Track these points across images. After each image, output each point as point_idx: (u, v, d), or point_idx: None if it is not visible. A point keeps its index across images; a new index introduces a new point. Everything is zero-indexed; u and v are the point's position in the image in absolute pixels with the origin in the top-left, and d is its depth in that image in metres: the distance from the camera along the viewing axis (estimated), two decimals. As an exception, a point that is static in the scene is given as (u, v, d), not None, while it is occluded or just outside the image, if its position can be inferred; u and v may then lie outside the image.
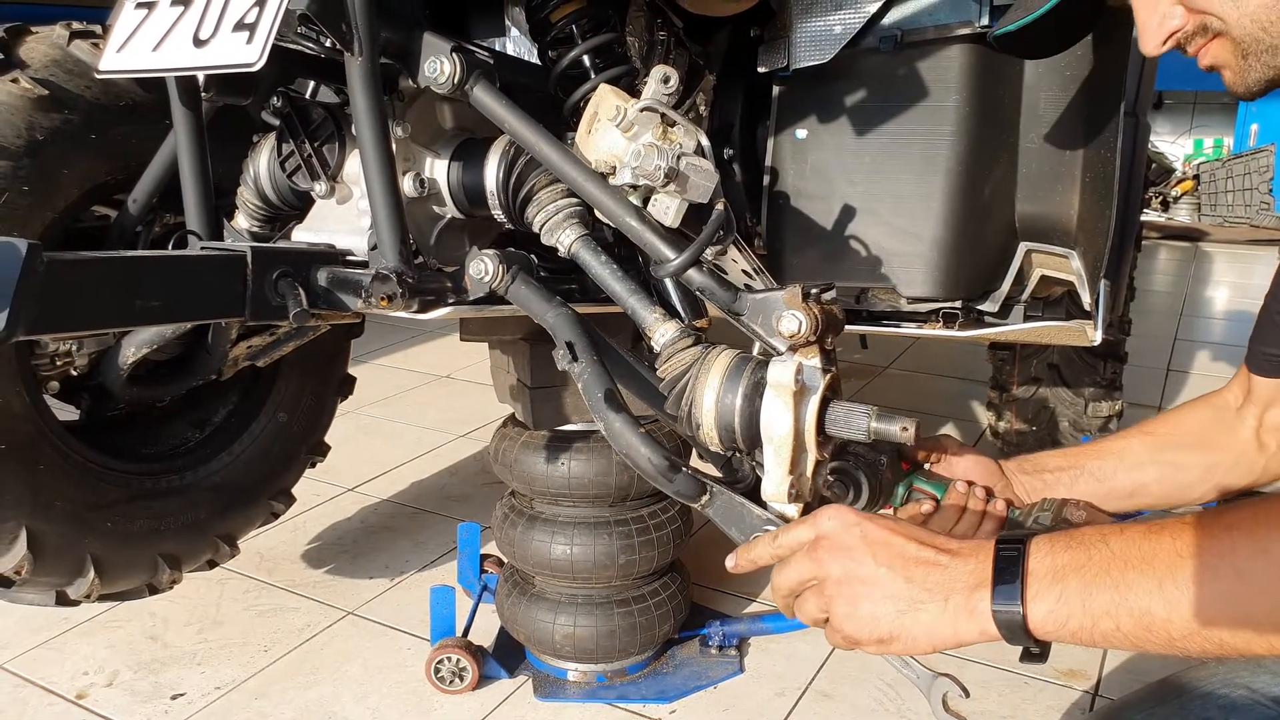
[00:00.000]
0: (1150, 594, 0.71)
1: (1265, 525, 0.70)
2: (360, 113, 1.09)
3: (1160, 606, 0.71)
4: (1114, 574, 0.72)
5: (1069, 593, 0.74)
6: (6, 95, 1.31)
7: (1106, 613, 0.72)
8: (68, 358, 1.52)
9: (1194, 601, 0.70)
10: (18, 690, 1.79)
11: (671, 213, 1.06)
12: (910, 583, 0.79)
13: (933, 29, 1.44)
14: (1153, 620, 0.71)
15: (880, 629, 0.80)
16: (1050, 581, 0.75)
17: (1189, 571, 0.70)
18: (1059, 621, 0.74)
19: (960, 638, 0.78)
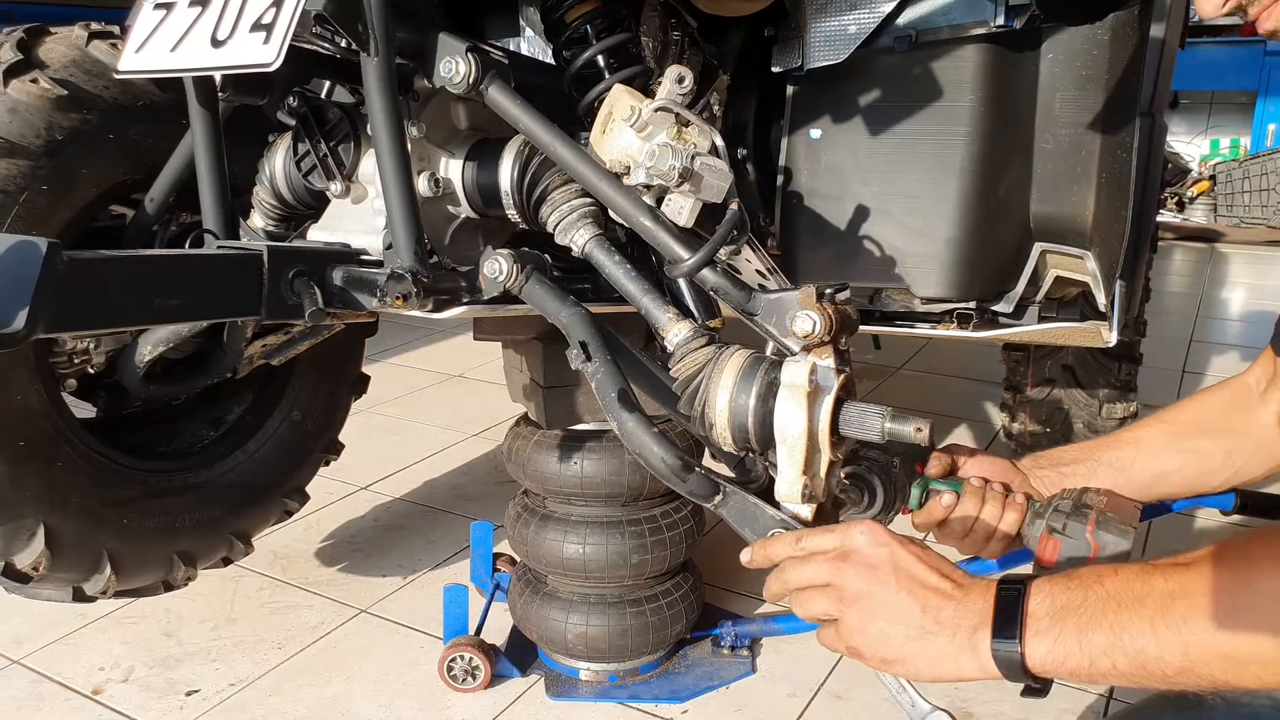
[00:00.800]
0: (1143, 634, 0.73)
1: (1254, 563, 0.72)
2: (376, 113, 1.10)
3: (1153, 646, 0.73)
4: (1109, 614, 0.75)
5: (1066, 633, 0.76)
6: (26, 95, 1.32)
7: (1103, 652, 0.74)
8: (85, 355, 1.54)
9: (1183, 640, 0.72)
10: (35, 685, 1.80)
11: (686, 212, 1.07)
12: (924, 612, 0.82)
13: (948, 29, 1.43)
14: (1146, 659, 0.73)
15: (888, 650, 0.83)
16: (1049, 622, 0.77)
17: (1179, 611, 0.72)
18: (1057, 660, 0.77)
19: (961, 673, 0.80)
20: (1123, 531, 1.00)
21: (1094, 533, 1.00)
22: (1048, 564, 1.03)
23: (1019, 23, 1.39)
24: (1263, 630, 0.69)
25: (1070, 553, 1.01)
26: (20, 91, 1.32)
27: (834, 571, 0.86)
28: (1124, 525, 1.00)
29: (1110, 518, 1.01)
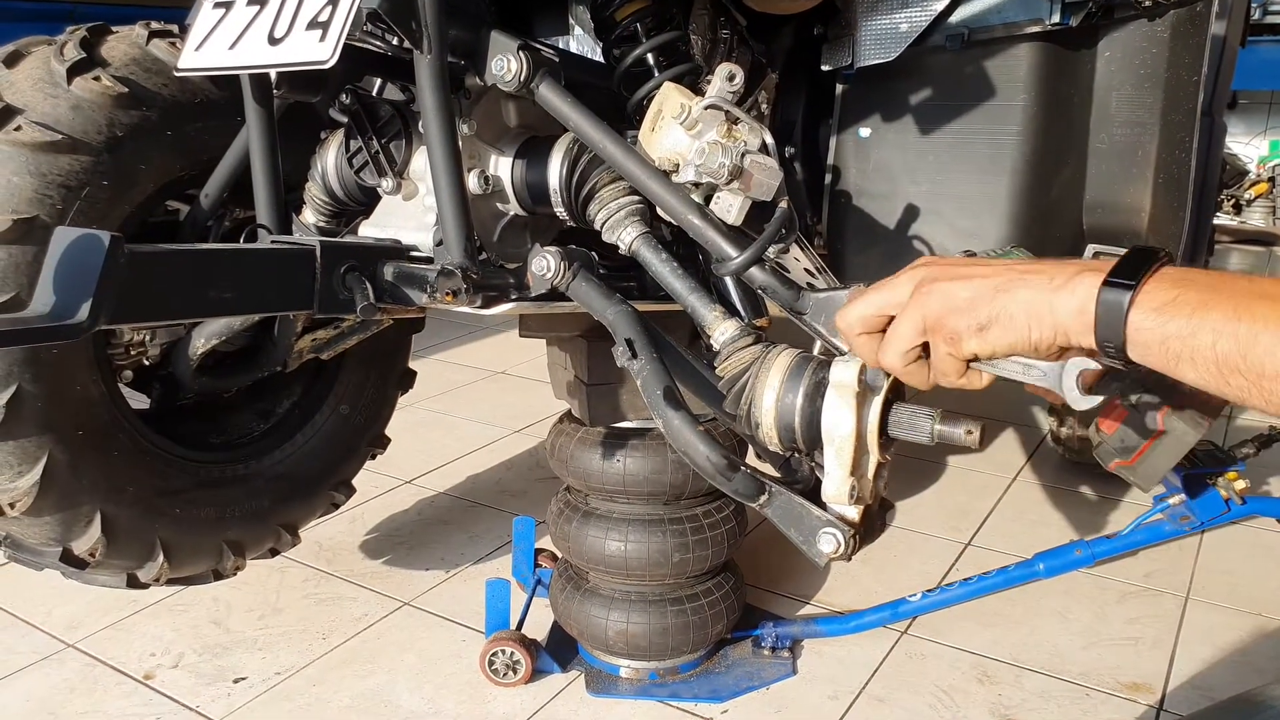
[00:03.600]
0: (1266, 319, 0.64)
1: None
2: (428, 110, 1.11)
3: (1268, 337, 0.64)
4: (1239, 298, 0.67)
5: (1185, 296, 0.68)
6: (89, 93, 1.35)
7: (1211, 327, 0.66)
8: (141, 347, 1.57)
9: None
10: (89, 669, 1.85)
11: (735, 211, 1.06)
12: (1013, 268, 0.76)
13: (1001, 27, 1.42)
14: (1255, 348, 0.64)
15: (978, 313, 0.75)
16: (1172, 284, 0.69)
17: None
18: (1161, 320, 0.68)
19: (1057, 313, 0.72)
20: (1196, 422, 0.91)
21: (1167, 416, 0.92)
22: (1107, 432, 0.96)
23: (1075, 20, 1.37)
24: None
25: (1134, 427, 0.94)
26: (83, 89, 1.35)
27: (909, 278, 0.80)
28: (1199, 416, 0.92)
29: (1187, 410, 0.92)
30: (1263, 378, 0.64)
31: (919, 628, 1.97)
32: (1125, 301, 0.69)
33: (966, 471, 2.76)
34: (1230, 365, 0.65)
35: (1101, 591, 2.10)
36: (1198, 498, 1.79)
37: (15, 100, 1.31)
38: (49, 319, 0.88)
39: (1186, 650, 1.90)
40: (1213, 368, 0.66)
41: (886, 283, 0.83)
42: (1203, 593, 2.10)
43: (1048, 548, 1.87)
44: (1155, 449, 0.93)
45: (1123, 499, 2.56)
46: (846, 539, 0.95)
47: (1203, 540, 2.31)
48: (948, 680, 1.80)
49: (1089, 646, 1.91)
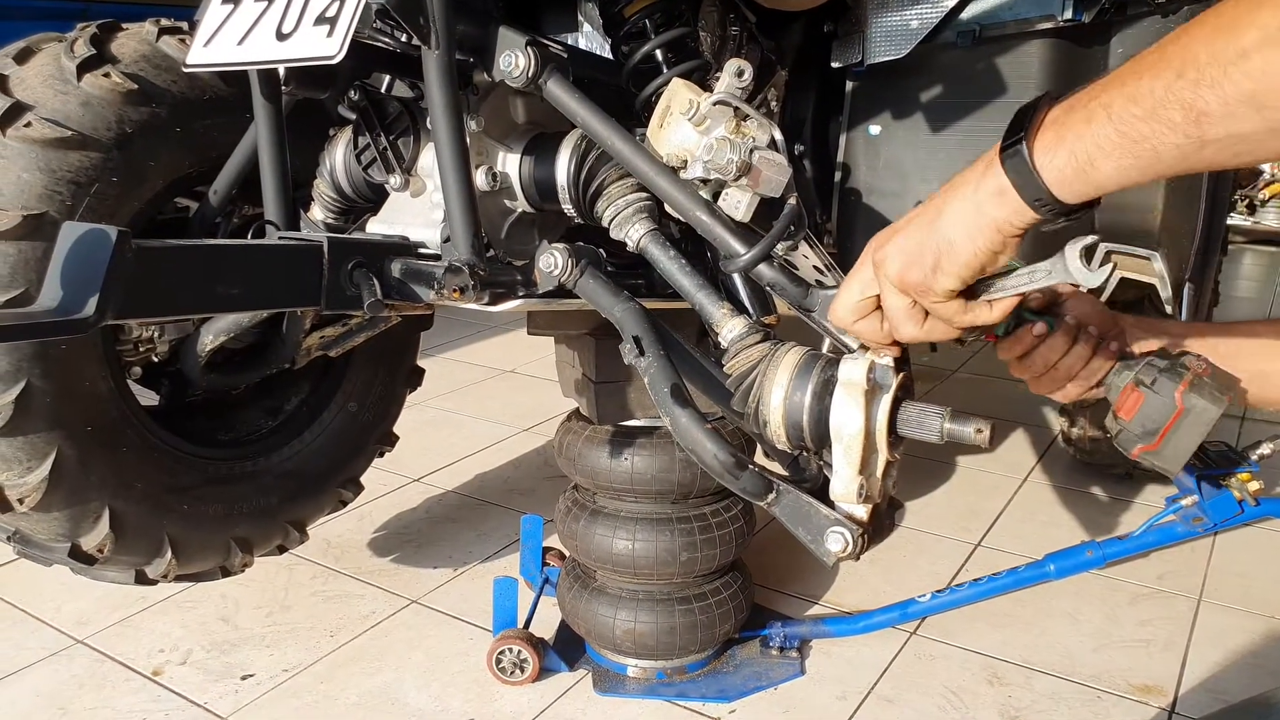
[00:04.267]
0: (1165, 65, 0.63)
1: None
2: (435, 106, 1.10)
3: (1160, 86, 0.62)
4: (1114, 77, 0.66)
5: (1075, 112, 0.68)
6: (98, 89, 1.35)
7: (1102, 106, 0.65)
8: (150, 344, 1.57)
9: (1189, 53, 0.61)
10: (98, 665, 1.85)
11: (743, 207, 1.06)
12: (931, 201, 0.78)
13: (1013, 23, 1.41)
14: (1155, 99, 0.62)
15: (925, 254, 0.77)
16: (1060, 110, 0.70)
17: (1210, 24, 0.61)
18: (1058, 141, 0.68)
19: (986, 212, 0.73)
20: (1215, 397, 0.89)
21: (1185, 393, 0.90)
22: (1125, 417, 0.94)
23: (1088, 17, 1.36)
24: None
25: (1152, 409, 0.92)
26: (93, 85, 1.35)
27: (866, 258, 0.83)
28: (1219, 391, 0.90)
29: (1206, 382, 0.91)
30: (1160, 108, 0.63)
31: (928, 628, 1.96)
32: (1024, 150, 0.69)
33: (977, 471, 2.74)
34: (1130, 126, 0.64)
35: (1113, 593, 2.09)
36: (1211, 499, 1.77)
37: (26, 97, 1.32)
38: (56, 314, 0.88)
39: (1199, 653, 1.88)
40: (1116, 139, 0.65)
41: (855, 268, 0.86)
42: (1216, 595, 2.08)
43: (1058, 549, 1.86)
44: (1178, 428, 0.91)
45: (1134, 500, 2.54)
46: (855, 538, 0.94)
47: (1216, 542, 2.29)
48: (957, 681, 1.79)
49: (1100, 648, 1.90)
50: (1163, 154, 0.64)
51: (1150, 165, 0.65)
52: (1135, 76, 0.64)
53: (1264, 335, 1.03)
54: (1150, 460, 1.02)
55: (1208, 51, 0.60)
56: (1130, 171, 0.66)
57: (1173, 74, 0.61)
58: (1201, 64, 0.60)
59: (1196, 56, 0.60)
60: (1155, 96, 0.62)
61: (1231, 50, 0.58)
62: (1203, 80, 0.60)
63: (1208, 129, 0.61)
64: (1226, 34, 0.59)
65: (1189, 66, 0.61)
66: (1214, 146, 0.62)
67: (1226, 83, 0.59)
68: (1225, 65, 0.59)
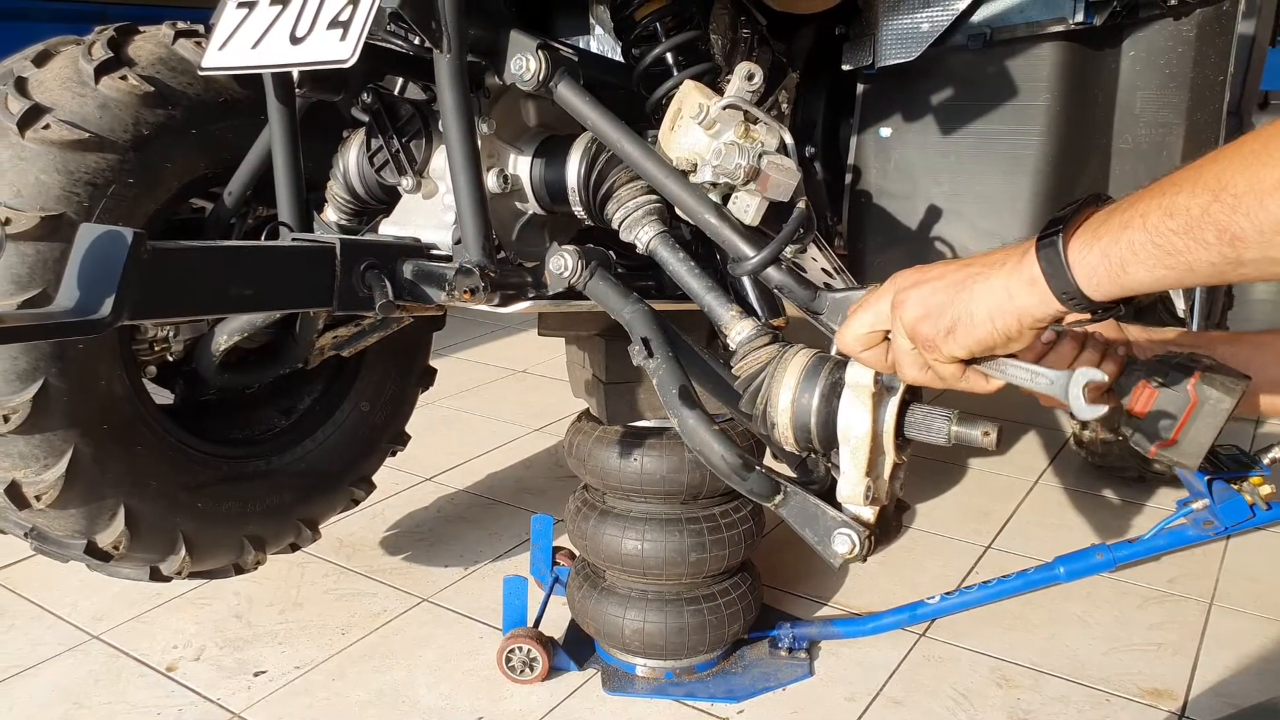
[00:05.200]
0: (1184, 192, 0.65)
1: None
2: (447, 109, 1.11)
3: (1189, 198, 0.64)
4: (1156, 187, 0.68)
5: (1114, 216, 0.70)
6: (116, 92, 1.37)
7: (1140, 213, 0.67)
8: (165, 343, 1.59)
9: (1221, 177, 0.63)
10: (113, 660, 1.87)
11: (752, 211, 1.06)
12: (967, 266, 0.79)
13: (1024, 26, 1.41)
14: (1190, 215, 0.64)
15: (944, 316, 0.79)
16: (1099, 220, 0.71)
17: (1248, 150, 0.63)
18: (1095, 240, 0.70)
19: (1013, 298, 0.75)
20: (1229, 388, 0.89)
21: (1197, 385, 0.90)
22: (1138, 414, 0.94)
23: (1099, 19, 1.36)
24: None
25: (1166, 405, 0.92)
26: (110, 88, 1.37)
27: (886, 292, 0.84)
28: (1231, 382, 0.90)
29: (1217, 375, 0.91)
30: (1196, 227, 0.64)
31: (937, 630, 1.96)
32: (1059, 243, 0.71)
33: (987, 473, 2.74)
34: (1165, 238, 0.66)
35: (1123, 596, 2.08)
36: (1222, 502, 1.77)
37: (44, 99, 1.34)
38: (73, 314, 0.90)
39: (1209, 657, 1.87)
40: (1151, 249, 0.67)
41: (871, 298, 0.87)
42: (1227, 599, 2.07)
43: (1069, 551, 1.85)
44: (1194, 422, 0.91)
45: (1145, 503, 2.53)
46: (861, 540, 0.95)
47: (1227, 546, 2.28)
48: (966, 683, 1.79)
49: (1110, 652, 1.89)
50: (1197, 268, 0.66)
51: (1184, 277, 0.67)
52: (1173, 190, 0.66)
53: (1272, 345, 1.03)
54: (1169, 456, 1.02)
55: (1245, 179, 0.61)
56: (1163, 279, 0.68)
57: (1209, 196, 0.63)
58: (1239, 191, 0.62)
59: (1234, 182, 0.62)
60: (1191, 215, 0.64)
61: (1269, 181, 0.60)
62: (1239, 207, 0.62)
63: (1243, 251, 0.63)
64: (1264, 163, 0.61)
65: (1225, 191, 0.62)
66: (1250, 266, 0.64)
67: (1262, 212, 0.61)
68: (1261, 195, 0.60)
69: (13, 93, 1.33)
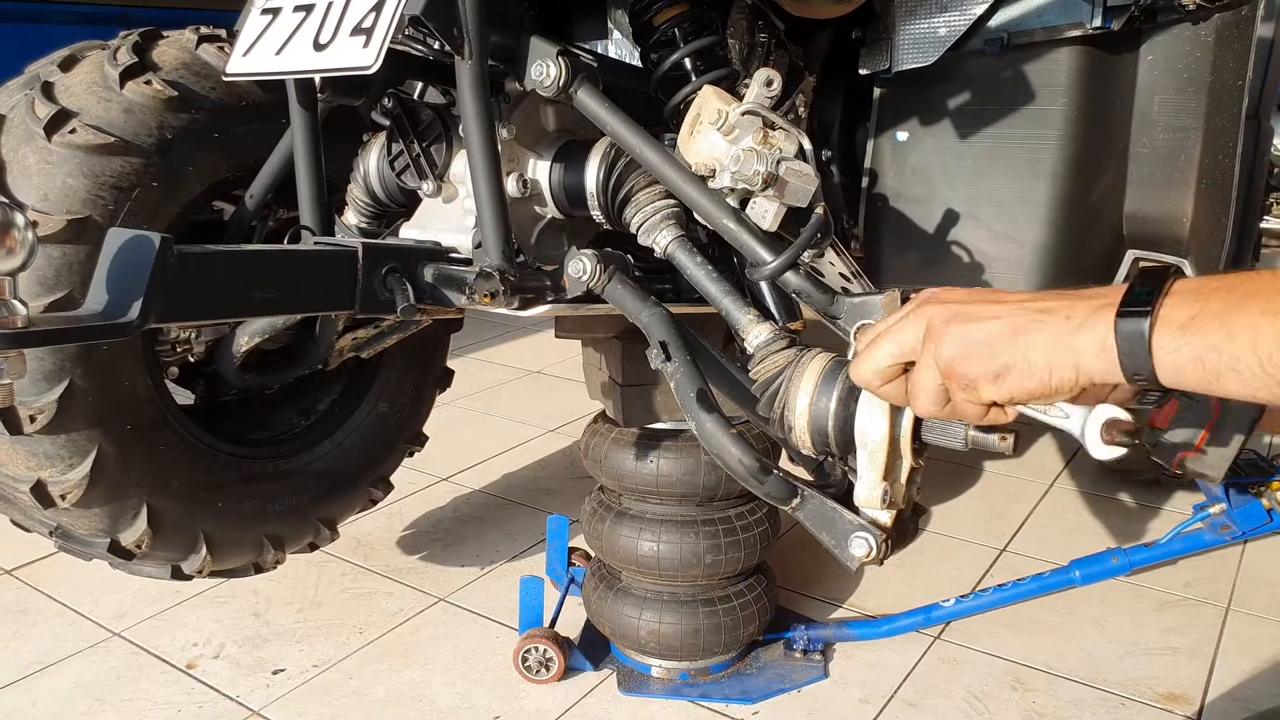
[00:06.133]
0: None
1: None
2: (468, 114, 1.12)
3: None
4: (1266, 293, 0.62)
5: (1209, 308, 0.64)
6: (140, 96, 1.39)
7: (1247, 326, 0.61)
8: (187, 345, 1.61)
9: None
10: (134, 657, 1.89)
11: (770, 217, 1.07)
12: (1027, 307, 0.72)
13: (1041, 31, 1.41)
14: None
15: (995, 359, 0.72)
16: (1191, 297, 0.65)
17: None
18: (1189, 338, 0.64)
19: (1078, 356, 0.69)
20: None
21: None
22: (1160, 426, 0.93)
23: (1117, 24, 1.36)
24: None
25: (1188, 416, 0.91)
26: (135, 93, 1.39)
27: (916, 321, 0.76)
28: None
29: None
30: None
31: (952, 633, 1.96)
32: (1145, 328, 0.66)
33: (1003, 476, 2.74)
34: (1277, 362, 0.61)
35: (1139, 600, 2.08)
36: (1239, 507, 1.76)
37: (70, 104, 1.36)
38: (101, 318, 0.91)
39: (1226, 661, 1.87)
40: (1259, 371, 0.62)
41: (894, 328, 0.79)
42: (1244, 604, 2.07)
43: (1084, 555, 1.85)
44: (1217, 431, 0.91)
45: (1162, 507, 2.53)
46: (878, 543, 0.95)
47: (1245, 550, 2.27)
48: (980, 686, 1.79)
49: (1126, 656, 1.89)
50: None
51: (1276, 395, 0.63)
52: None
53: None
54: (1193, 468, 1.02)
55: None
56: (1261, 398, 0.63)
57: None
58: None
59: None
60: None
61: None
62: None
63: None
64: None
65: None
66: None
67: None
68: None
69: (40, 97, 1.35)
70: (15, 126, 1.35)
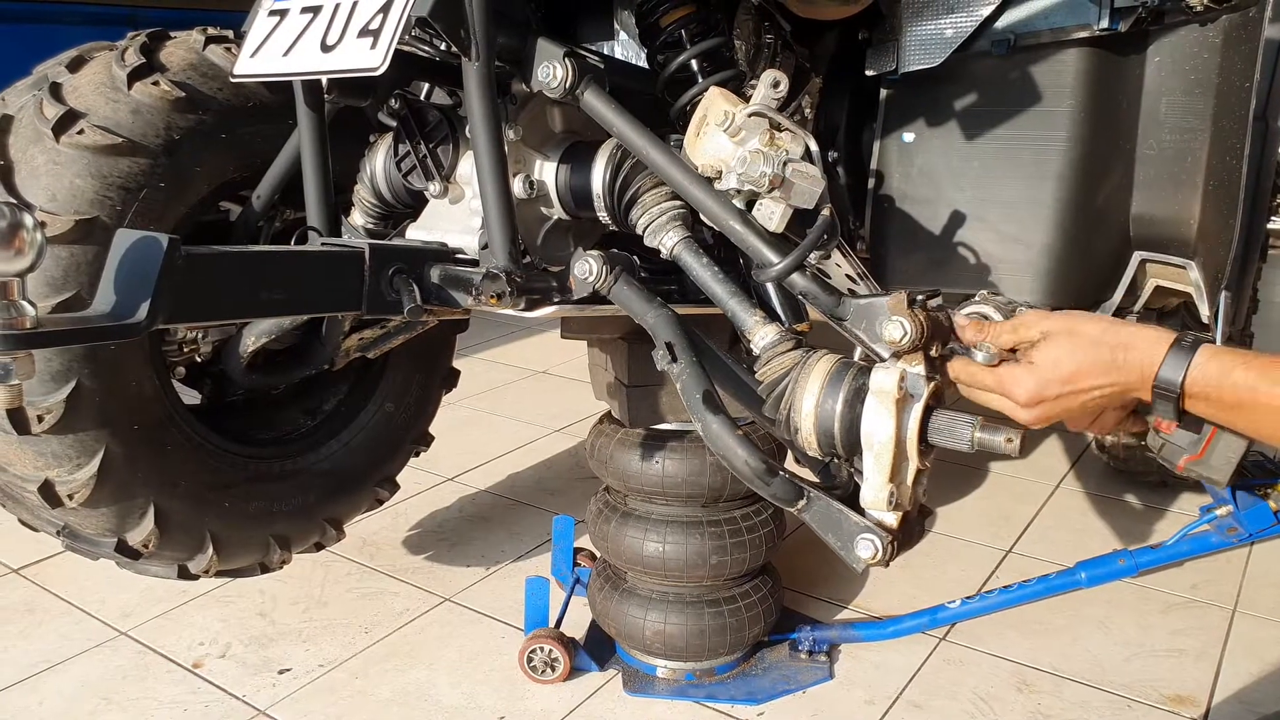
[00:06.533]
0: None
1: None
2: (475, 115, 1.13)
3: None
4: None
5: (1245, 358, 0.81)
6: (148, 97, 1.39)
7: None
8: (194, 345, 1.61)
9: None
10: (141, 656, 1.90)
11: (776, 218, 1.07)
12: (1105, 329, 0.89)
13: (1048, 32, 1.40)
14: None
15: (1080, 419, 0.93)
16: (1230, 353, 0.83)
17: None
18: (1223, 371, 0.81)
19: (1126, 375, 0.88)
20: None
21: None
22: (1166, 430, 0.99)
23: (1124, 26, 1.36)
24: None
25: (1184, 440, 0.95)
26: (142, 93, 1.39)
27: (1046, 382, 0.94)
28: None
29: None
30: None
31: (958, 634, 1.96)
32: (1192, 346, 0.83)
33: (1009, 477, 2.73)
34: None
35: (1145, 602, 2.07)
36: (1246, 509, 1.76)
37: (78, 104, 1.36)
38: (109, 318, 0.92)
39: (1232, 664, 1.87)
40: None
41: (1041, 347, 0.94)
42: (1251, 606, 2.06)
43: (1090, 556, 1.85)
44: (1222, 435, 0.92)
45: (1168, 508, 2.52)
46: (884, 545, 0.95)
47: (1251, 552, 2.27)
48: (986, 688, 1.78)
49: (1132, 658, 1.88)
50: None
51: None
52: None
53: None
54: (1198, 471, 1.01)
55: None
56: (1259, 433, 0.87)
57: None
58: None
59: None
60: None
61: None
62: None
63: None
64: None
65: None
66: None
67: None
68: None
69: (48, 98, 1.35)
70: (23, 127, 1.35)
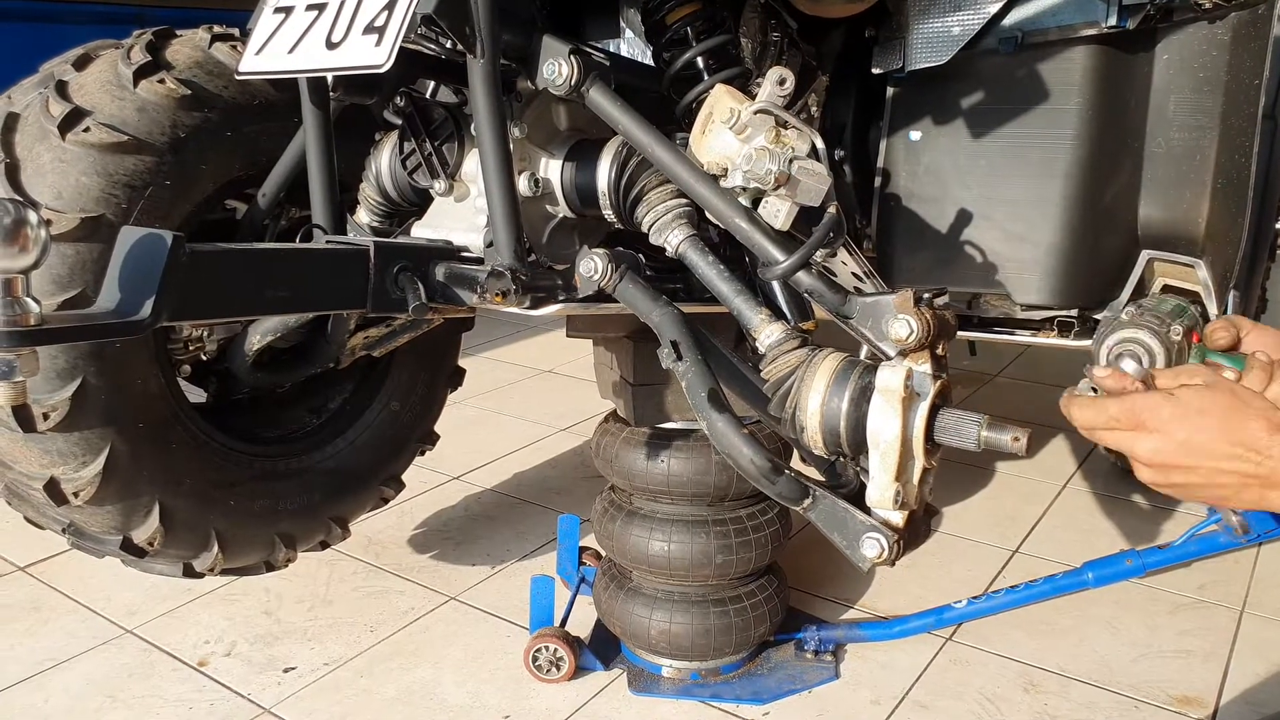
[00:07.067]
0: None
1: None
2: (480, 113, 1.12)
3: None
4: None
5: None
6: (154, 95, 1.39)
7: None
8: (199, 343, 1.61)
9: None
10: (146, 654, 1.90)
11: (782, 216, 1.06)
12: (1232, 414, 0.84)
13: (1056, 30, 1.40)
14: None
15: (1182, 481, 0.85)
16: None
17: None
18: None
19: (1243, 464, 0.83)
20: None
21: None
22: None
23: (1132, 23, 1.35)
24: None
25: None
26: (148, 91, 1.39)
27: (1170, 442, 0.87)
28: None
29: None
30: None
31: (964, 634, 1.95)
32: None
33: (1016, 477, 2.72)
34: None
35: (1153, 603, 2.07)
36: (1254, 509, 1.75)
37: (84, 102, 1.36)
38: (114, 315, 0.92)
39: (1240, 665, 1.86)
40: None
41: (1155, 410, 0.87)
42: (1259, 606, 2.05)
43: (1097, 556, 1.84)
44: None
45: (1176, 508, 2.51)
46: (890, 544, 0.95)
47: (1260, 553, 2.25)
48: (992, 688, 1.78)
49: (1139, 658, 1.88)
50: None
51: None
52: None
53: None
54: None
55: None
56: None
57: None
58: None
59: None
60: None
61: None
62: None
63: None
64: None
65: None
66: None
67: None
68: None
69: (54, 96, 1.35)
70: (29, 125, 1.35)
